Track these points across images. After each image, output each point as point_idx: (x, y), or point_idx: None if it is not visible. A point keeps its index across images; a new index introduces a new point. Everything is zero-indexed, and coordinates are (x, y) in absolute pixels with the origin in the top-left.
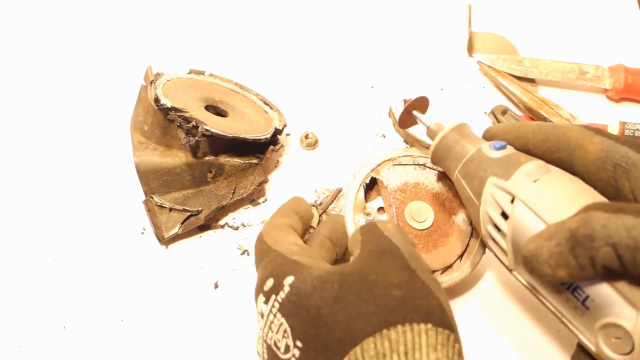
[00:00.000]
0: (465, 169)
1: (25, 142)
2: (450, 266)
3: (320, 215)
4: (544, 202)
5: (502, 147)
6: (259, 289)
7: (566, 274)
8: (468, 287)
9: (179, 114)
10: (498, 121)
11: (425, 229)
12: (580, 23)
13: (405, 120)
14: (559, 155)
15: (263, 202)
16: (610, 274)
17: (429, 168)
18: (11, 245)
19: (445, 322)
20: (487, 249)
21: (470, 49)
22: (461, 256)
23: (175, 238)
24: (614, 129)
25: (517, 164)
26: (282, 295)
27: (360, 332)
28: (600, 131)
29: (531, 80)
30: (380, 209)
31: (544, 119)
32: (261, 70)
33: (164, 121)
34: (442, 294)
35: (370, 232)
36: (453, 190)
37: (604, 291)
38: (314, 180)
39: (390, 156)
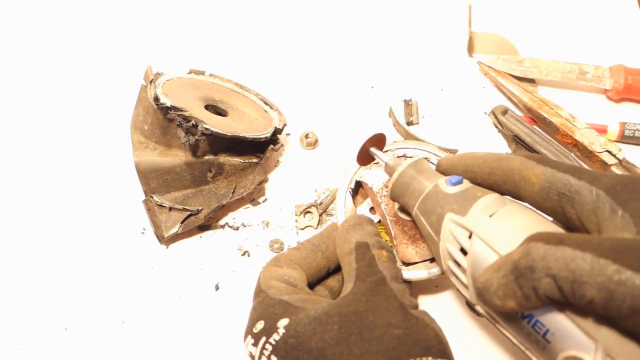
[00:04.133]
0: (424, 205)
1: (25, 142)
2: None
3: (320, 215)
4: (500, 236)
5: (459, 182)
6: (248, 331)
7: (515, 304)
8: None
9: (178, 112)
10: (498, 121)
11: None
12: (580, 23)
13: (364, 157)
14: (507, 187)
15: (263, 201)
16: (565, 306)
17: (409, 157)
18: (11, 245)
19: (442, 351)
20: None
21: (470, 49)
22: None
23: (176, 238)
24: (614, 129)
25: (473, 199)
26: (275, 337)
27: None
28: (542, 159)
29: (531, 80)
30: (372, 209)
31: (544, 119)
32: (261, 70)
33: (163, 120)
34: (435, 324)
35: (364, 259)
36: None
37: (562, 324)
38: (314, 179)
39: None
